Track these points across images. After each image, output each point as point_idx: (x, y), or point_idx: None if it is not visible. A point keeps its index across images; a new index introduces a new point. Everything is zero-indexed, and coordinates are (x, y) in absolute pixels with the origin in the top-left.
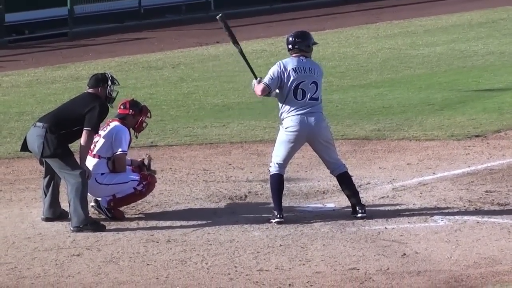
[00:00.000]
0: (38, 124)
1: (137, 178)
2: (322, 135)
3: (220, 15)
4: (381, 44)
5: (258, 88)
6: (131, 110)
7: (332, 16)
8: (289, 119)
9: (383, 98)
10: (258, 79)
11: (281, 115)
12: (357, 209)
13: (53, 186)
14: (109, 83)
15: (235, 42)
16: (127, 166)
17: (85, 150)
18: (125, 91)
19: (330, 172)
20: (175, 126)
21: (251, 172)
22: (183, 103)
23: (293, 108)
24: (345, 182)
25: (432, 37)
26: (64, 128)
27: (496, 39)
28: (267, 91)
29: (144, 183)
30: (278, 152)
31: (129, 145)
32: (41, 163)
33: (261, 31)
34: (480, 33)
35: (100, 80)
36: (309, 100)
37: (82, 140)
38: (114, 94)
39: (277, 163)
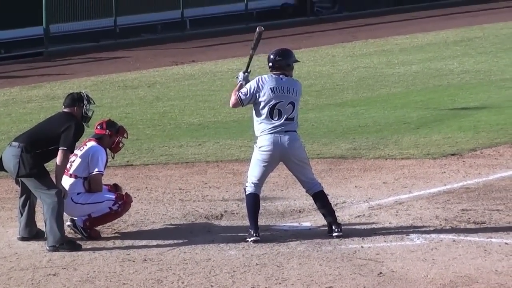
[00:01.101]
0: (14, 143)
1: (112, 197)
2: (296, 155)
3: (262, 28)
4: (357, 63)
5: (232, 99)
6: (107, 131)
7: (308, 35)
8: (263, 138)
9: (359, 117)
10: (246, 74)
11: (255, 133)
12: (333, 228)
13: (29, 205)
14: (85, 102)
15: (253, 49)
16: (103, 186)
17: (61, 169)
18: (101, 111)
19: (306, 191)
20: (151, 145)
21: (227, 191)
22: (159, 122)
23: (268, 128)
24: (321, 201)
25: (407, 55)
26: (40, 147)
27: (471, 57)
28: (239, 105)
29: (119, 202)
30: (253, 172)
31: (105, 165)
32: (17, 182)
33: (237, 50)
34: (455, 52)
35: (75, 100)
36: (285, 120)
37: (58, 159)
38: (90, 114)
39: (252, 183)
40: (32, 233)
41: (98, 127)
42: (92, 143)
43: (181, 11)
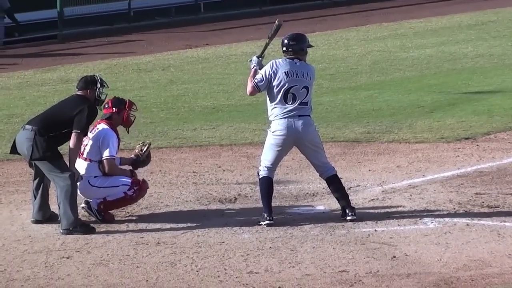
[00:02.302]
0: (27, 127)
1: (128, 182)
2: (309, 139)
3: (281, 22)
4: (371, 47)
5: (249, 86)
6: (114, 108)
7: (321, 19)
8: (277, 123)
9: (373, 101)
10: (260, 59)
11: (269, 118)
12: (347, 211)
13: (43, 188)
14: (98, 85)
15: (270, 38)
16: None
17: (74, 152)
18: (115, 94)
19: (320, 175)
20: (164, 129)
21: (240, 175)
22: (173, 105)
23: (282, 112)
24: (335, 184)
25: (421, 39)
26: (53, 130)
27: (485, 41)
28: (256, 92)
29: (135, 188)
30: (267, 156)
31: (117, 148)
32: (31, 165)
33: (250, 33)
34: (469, 36)
35: (89, 82)
36: (298, 105)
37: (71, 142)
38: (103, 97)
39: (266, 167)
40: (45, 216)
41: (106, 107)
42: (102, 126)
43: None
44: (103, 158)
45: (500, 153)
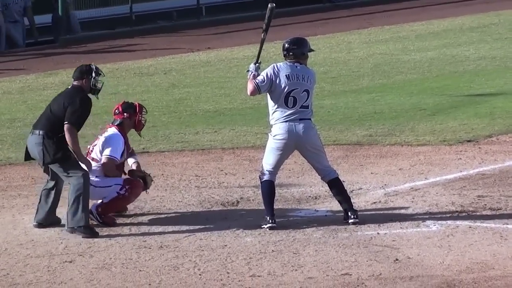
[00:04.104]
0: (35, 131)
1: (120, 182)
2: (310, 143)
3: (274, 4)
4: (373, 49)
5: (249, 87)
6: (125, 114)
7: (323, 22)
8: (277, 127)
9: (374, 104)
10: (257, 64)
11: (270, 122)
12: (349, 214)
13: (55, 193)
14: (94, 74)
15: (265, 31)
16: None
17: (74, 147)
18: (117, 97)
19: (321, 179)
20: (166, 132)
21: (243, 178)
22: (175, 109)
23: (282, 115)
24: (337, 187)
25: (423, 42)
26: (60, 131)
27: (487, 43)
28: (256, 93)
29: (126, 187)
30: (268, 160)
31: (122, 153)
32: (46, 170)
33: (252, 37)
34: (471, 38)
35: (84, 72)
36: (299, 108)
37: (67, 138)
38: (99, 85)
39: (267, 170)
40: (48, 220)
41: (116, 112)
42: (112, 130)
43: None
44: (103, 155)
45: (502, 156)
